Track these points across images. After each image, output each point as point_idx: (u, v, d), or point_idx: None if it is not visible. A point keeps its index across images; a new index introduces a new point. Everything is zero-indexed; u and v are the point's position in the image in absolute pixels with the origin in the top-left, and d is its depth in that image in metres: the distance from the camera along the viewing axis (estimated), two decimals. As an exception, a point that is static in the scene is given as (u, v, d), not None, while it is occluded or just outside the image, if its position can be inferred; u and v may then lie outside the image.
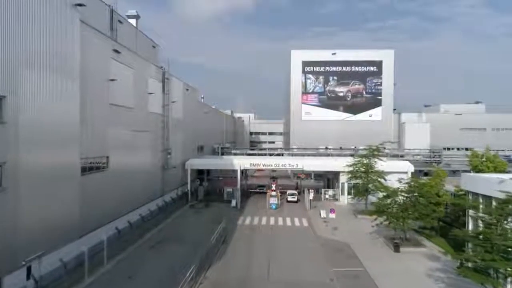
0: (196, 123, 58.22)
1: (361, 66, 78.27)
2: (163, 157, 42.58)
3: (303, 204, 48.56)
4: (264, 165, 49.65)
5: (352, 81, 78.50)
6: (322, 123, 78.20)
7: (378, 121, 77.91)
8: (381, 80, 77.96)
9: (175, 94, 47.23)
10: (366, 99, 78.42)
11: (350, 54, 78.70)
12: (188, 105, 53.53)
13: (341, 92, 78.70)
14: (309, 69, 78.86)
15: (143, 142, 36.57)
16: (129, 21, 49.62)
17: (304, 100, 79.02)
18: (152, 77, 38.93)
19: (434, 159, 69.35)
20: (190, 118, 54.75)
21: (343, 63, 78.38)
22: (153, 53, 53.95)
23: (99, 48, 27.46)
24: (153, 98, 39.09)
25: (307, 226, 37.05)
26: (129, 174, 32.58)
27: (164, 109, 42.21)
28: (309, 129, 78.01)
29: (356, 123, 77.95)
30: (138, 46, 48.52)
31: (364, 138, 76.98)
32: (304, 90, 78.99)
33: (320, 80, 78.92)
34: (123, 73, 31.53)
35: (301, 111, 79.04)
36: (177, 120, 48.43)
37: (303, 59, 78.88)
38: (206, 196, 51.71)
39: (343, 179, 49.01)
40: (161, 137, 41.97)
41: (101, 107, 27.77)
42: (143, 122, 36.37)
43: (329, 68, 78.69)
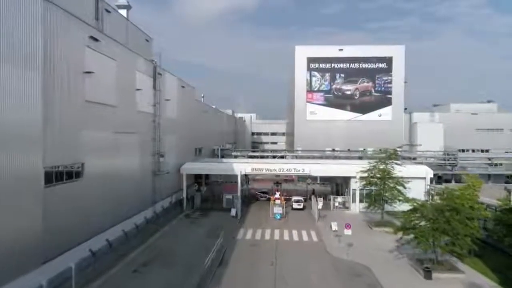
0: (193, 124, 53.66)
1: (370, 63, 73.59)
2: (155, 161, 37.99)
3: (310, 212, 43.96)
4: (267, 170, 45.03)
5: (360, 79, 73.84)
6: (328, 123, 73.65)
7: (388, 121, 73.24)
8: (391, 77, 73.31)
9: (169, 91, 42.68)
10: (375, 97, 73.74)
11: (358, 50, 74.06)
12: (184, 104, 48.97)
13: (348, 90, 74.04)
14: (314, 66, 74.23)
15: (130, 145, 31.99)
16: (119, 12, 45.36)
17: (309, 99, 74.40)
18: (140, 71, 34.35)
19: (449, 162, 64.72)
20: (186, 118, 50.19)
21: (350, 59, 73.73)
22: (146, 47, 49.54)
23: (71, 33, 22.88)
24: (142, 95, 34.50)
25: (317, 241, 32.39)
26: (111, 182, 28.02)
27: (155, 108, 37.63)
28: (315, 130, 73.49)
29: (364, 123, 73.31)
30: (129, 38, 44.05)
31: (373, 139, 72.51)
32: (309, 88, 74.35)
33: (326, 78, 74.28)
34: (103, 65, 26.95)
35: (305, 111, 74.43)
36: (171, 120, 43.86)
37: (308, 55, 74.27)
38: (203, 203, 47.13)
39: (355, 185, 44.36)
40: (152, 139, 37.38)
41: (73, 104, 23.20)
42: (130, 122, 31.78)
43: (335, 65, 74.05)
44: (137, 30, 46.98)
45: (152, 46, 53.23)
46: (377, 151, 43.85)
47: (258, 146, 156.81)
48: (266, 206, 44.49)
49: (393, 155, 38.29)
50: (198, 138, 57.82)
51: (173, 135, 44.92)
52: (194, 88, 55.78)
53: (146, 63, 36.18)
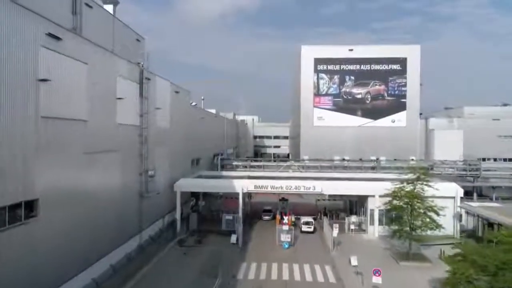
0: (189, 132, 48.12)
1: (383, 64, 67.88)
2: (142, 181, 32.42)
3: (322, 236, 38.40)
4: (272, 187, 39.41)
5: (372, 81, 68.14)
6: (337, 129, 67.96)
7: (402, 128, 67.52)
8: (406, 80, 67.56)
9: (160, 98, 37.15)
10: (388, 102, 68.03)
11: (370, 50, 68.37)
12: (178, 111, 43.43)
13: (359, 93, 68.35)
14: (322, 68, 68.56)
15: (108, 166, 26.44)
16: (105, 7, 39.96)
17: (316, 103, 68.74)
18: (123, 76, 28.74)
19: (471, 173, 58.94)
20: (181, 127, 44.67)
21: (361, 60, 68.03)
22: (136, 47, 44.12)
23: (19, 29, 17.35)
24: (125, 105, 28.93)
25: (335, 282, 26.74)
26: (81, 216, 22.48)
27: (142, 119, 32.04)
28: (322, 137, 67.83)
29: (376, 129, 67.59)
30: (116, 37, 38.64)
31: (385, 147, 66.94)
32: (317, 92, 68.69)
33: (335, 80, 68.59)
34: (69, 71, 21.39)
35: (312, 116, 68.77)
36: (163, 130, 38.34)
37: (315, 56, 68.61)
38: (200, 224, 41.47)
39: (373, 204, 38.73)
40: (139, 156, 31.81)
41: (23, 121, 17.67)
42: (108, 139, 26.22)
43: (345, 67, 68.36)
44: (125, 28, 41.51)
45: (144, 47, 47.82)
46: (396, 164, 38.12)
47: (260, 150, 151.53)
48: (271, 228, 38.97)
49: (423, 175, 32.45)
50: (196, 148, 52.30)
51: (166, 148, 39.39)
52: (190, 93, 50.26)
53: (130, 67, 30.59)
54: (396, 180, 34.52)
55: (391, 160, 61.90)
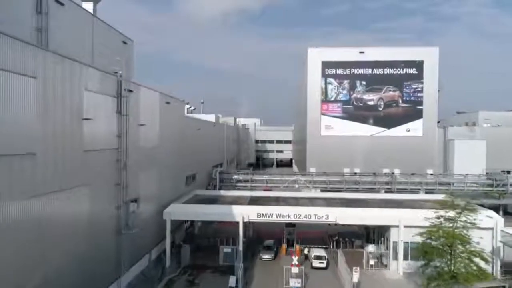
0: (183, 147, 42.50)
1: (397, 68, 61.98)
2: (120, 215, 26.71)
3: (336, 272, 32.68)
4: (278, 215, 33.57)
5: (385, 87, 62.25)
6: (347, 139, 62.10)
7: (418, 137, 61.60)
8: (422, 85, 61.64)
9: (146, 112, 31.46)
10: (403, 109, 62.14)
11: (382, 53, 62.49)
12: (170, 125, 37.80)
13: (371, 100, 62.49)
14: (330, 72, 62.70)
15: (70, 205, 20.71)
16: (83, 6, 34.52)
17: (324, 111, 62.89)
18: (92, 90, 22.97)
19: (498, 190, 53.06)
20: (173, 142, 39.08)
21: (373, 64, 62.14)
22: (122, 51, 38.62)
23: None
24: (96, 126, 23.19)
25: None
26: (26, 276, 16.79)
27: (120, 140, 26.29)
28: (330, 147, 61.97)
29: (390, 139, 61.69)
30: (97, 40, 33.15)
31: (400, 158, 61.02)
32: (324, 98, 62.84)
33: (345, 86, 62.73)
34: (8, 91, 15.68)
35: (320, 124, 62.91)
36: (150, 149, 32.63)
37: (322, 59, 62.75)
38: (194, 255, 35.75)
39: (396, 235, 32.93)
40: (116, 185, 26.07)
41: None
42: (69, 172, 20.47)
43: (355, 71, 62.48)
44: (108, 30, 35.98)
45: (132, 50, 42.30)
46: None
47: (262, 155, 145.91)
48: (276, 266, 33.41)
49: (468, 208, 26.49)
50: (191, 163, 46.67)
51: (154, 169, 33.69)
52: (184, 102, 44.65)
53: (103, 78, 24.79)
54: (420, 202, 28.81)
55: (407, 174, 56.05)
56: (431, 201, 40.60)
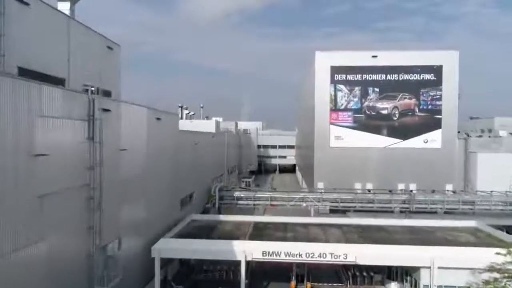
0: (178, 165, 37.47)
1: (413, 74, 56.73)
2: (95, 264, 21.52)
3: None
4: (287, 254, 28.36)
5: (400, 94, 57.01)
6: (359, 151, 56.94)
7: (436, 150, 56.34)
8: (441, 92, 56.38)
9: (129, 133, 26.30)
10: (420, 118, 56.87)
11: (397, 57, 57.25)
12: (160, 144, 32.71)
13: (384, 109, 57.25)
14: (340, 78, 57.49)
15: (23, 270, 15.58)
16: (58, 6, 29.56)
17: (334, 120, 57.66)
18: (50, 115, 17.74)
19: (528, 210, 47.71)
20: (165, 162, 33.99)
21: (387, 69, 56.91)
22: (107, 57, 33.64)
23: None
24: (55, 162, 18.02)
25: None
26: None
27: (93, 174, 21.09)
28: (340, 160, 56.85)
29: (405, 151, 56.46)
30: (74, 46, 28.12)
31: (416, 173, 55.82)
32: (334, 106, 57.62)
33: (356, 93, 57.50)
34: None
35: (329, 135, 57.69)
36: (134, 176, 27.46)
37: (331, 64, 57.56)
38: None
39: (427, 278, 27.73)
40: (87, 230, 20.87)
41: None
42: (19, 227, 15.31)
43: (368, 76, 57.27)
44: (89, 34, 30.88)
45: (118, 56, 37.21)
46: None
47: (264, 161, 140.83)
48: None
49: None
50: (187, 182, 41.60)
51: (140, 199, 28.54)
52: (177, 115, 39.57)
53: (68, 99, 19.54)
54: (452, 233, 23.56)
55: (427, 191, 50.86)
56: (464, 230, 35.55)
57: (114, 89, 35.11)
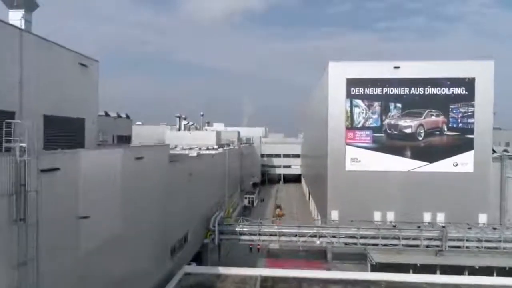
0: (167, 208, 30.59)
1: (441, 87, 49.60)
2: None
3: None
4: None
5: (426, 111, 49.88)
6: (378, 176, 49.89)
7: (468, 174, 49.14)
8: (473, 108, 49.20)
9: (95, 189, 19.34)
10: (449, 138, 49.72)
11: (423, 68, 50.09)
12: (142, 186, 25.78)
13: (408, 127, 50.12)
14: (357, 91, 50.39)
15: None
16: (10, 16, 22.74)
17: (350, 139, 50.55)
18: None
19: None
20: (147, 207, 27.08)
21: (411, 81, 49.80)
22: (80, 76, 26.85)
23: None
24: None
25: None
26: None
27: (24, 271, 14.08)
28: (357, 185, 49.84)
29: (432, 176, 49.34)
30: (32, 65, 21.23)
31: (445, 201, 48.62)
32: (350, 124, 50.51)
33: (375, 109, 50.40)
34: None
35: (344, 157, 50.58)
36: (101, 244, 20.49)
37: (347, 76, 50.49)
38: None
39: None
40: None
41: None
42: None
43: (389, 90, 50.17)
44: (52, 49, 23.97)
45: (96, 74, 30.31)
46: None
47: (268, 171, 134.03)
48: None
49: None
50: (178, 224, 34.68)
51: (112, 269, 21.57)
52: (167, 147, 32.63)
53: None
54: None
55: (460, 225, 43.77)
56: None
57: (89, 115, 28.33)
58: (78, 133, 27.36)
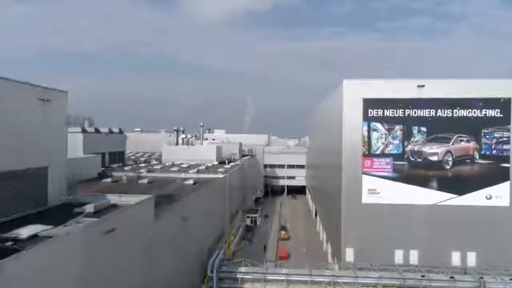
0: (155, 262, 24.64)
1: (472, 109, 43.42)
2: None
3: None
4: None
5: (455, 136, 43.70)
6: (400, 209, 43.76)
7: (503, 208, 42.93)
8: (509, 133, 43.02)
9: None
10: (481, 167, 43.52)
11: (451, 87, 43.93)
12: (113, 262, 19.81)
13: (434, 154, 43.96)
14: (375, 113, 44.26)
15: None
16: None
17: (367, 168, 44.41)
18: None
19: None
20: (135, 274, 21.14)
21: (438, 102, 43.65)
22: (40, 114, 20.92)
23: None
24: None
25: None
26: None
27: None
28: (375, 220, 43.76)
29: (462, 210, 43.16)
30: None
31: (477, 238, 42.23)
32: (368, 151, 44.38)
33: (396, 133, 44.25)
34: None
35: (361, 188, 44.43)
36: None
37: (364, 96, 44.37)
38: None
39: None
40: None
41: None
42: None
43: (412, 112, 44.03)
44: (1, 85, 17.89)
45: (63, 108, 24.41)
46: None
47: (271, 182, 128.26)
48: None
49: None
50: (167, 281, 28.72)
51: None
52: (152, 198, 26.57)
53: None
54: None
55: (501, 273, 37.74)
56: None
57: (54, 160, 22.44)
58: (39, 187, 21.46)
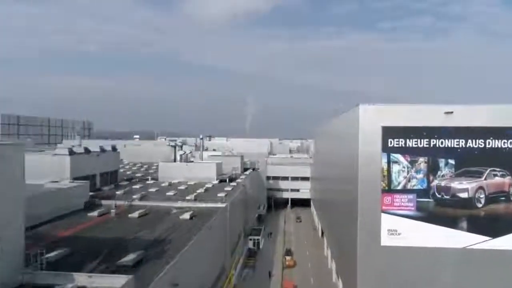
0: None
1: (508, 139, 38.00)
2: None
3: None
4: None
5: (487, 170, 38.27)
6: (425, 253, 38.39)
7: (543, 253, 37.56)
8: (550, 167, 37.63)
9: None
10: (518, 206, 38.13)
11: (482, 114, 38.52)
12: None
13: (464, 190, 38.53)
14: (396, 144, 38.86)
15: None
16: None
17: (387, 206, 39.02)
18: None
19: None
20: None
21: (468, 131, 38.23)
22: None
23: None
24: None
25: None
26: None
27: None
28: (396, 265, 38.43)
29: (496, 255, 37.79)
30: None
31: (513, 287, 37.30)
32: (387, 186, 38.96)
33: (420, 166, 38.84)
34: None
35: (379, 228, 39.04)
36: None
37: (383, 123, 38.97)
38: None
39: None
40: None
41: None
42: None
43: (438, 142, 38.61)
44: None
45: (20, 163, 19.83)
46: None
47: (275, 195, 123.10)
48: None
49: None
50: None
51: None
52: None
53: None
54: None
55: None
56: None
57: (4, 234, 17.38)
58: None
